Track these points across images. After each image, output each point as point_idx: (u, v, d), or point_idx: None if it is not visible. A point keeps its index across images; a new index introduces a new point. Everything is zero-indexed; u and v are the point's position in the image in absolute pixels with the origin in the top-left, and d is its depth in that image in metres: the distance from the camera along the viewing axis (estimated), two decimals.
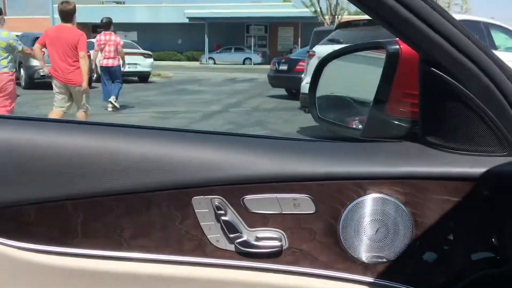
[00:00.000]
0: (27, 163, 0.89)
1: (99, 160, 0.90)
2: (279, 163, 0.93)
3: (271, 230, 0.94)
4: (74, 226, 0.91)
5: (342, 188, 0.92)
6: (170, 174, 0.91)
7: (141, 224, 0.92)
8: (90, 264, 0.91)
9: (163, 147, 0.93)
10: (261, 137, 1.08)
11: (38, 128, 0.94)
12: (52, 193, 0.89)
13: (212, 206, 0.92)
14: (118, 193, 0.90)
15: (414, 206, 0.93)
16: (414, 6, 0.82)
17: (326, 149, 1.02)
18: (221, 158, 0.93)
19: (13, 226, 0.90)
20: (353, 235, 0.93)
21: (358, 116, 1.36)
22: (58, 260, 0.91)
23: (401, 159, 0.95)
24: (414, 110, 1.02)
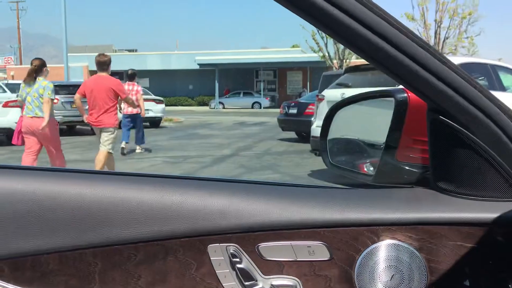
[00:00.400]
0: (47, 213, 0.92)
1: (117, 209, 0.92)
2: (292, 210, 0.95)
3: (286, 278, 0.94)
4: (92, 274, 0.92)
5: (356, 235, 0.93)
6: (186, 222, 0.93)
7: (157, 272, 0.93)
8: None
9: (179, 195, 0.95)
10: (274, 184, 1.10)
11: (58, 179, 0.97)
12: (71, 242, 0.91)
13: (227, 254, 0.93)
14: (136, 241, 0.92)
15: (428, 252, 0.93)
16: (419, 57, 0.86)
17: (339, 195, 1.03)
18: (236, 206, 0.95)
19: (32, 275, 0.91)
20: (368, 281, 0.93)
21: (369, 159, 1.38)
22: None
23: (413, 205, 0.97)
24: (424, 156, 1.04)
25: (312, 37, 24.96)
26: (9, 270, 0.90)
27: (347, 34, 0.83)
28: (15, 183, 0.93)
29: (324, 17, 0.81)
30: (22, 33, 57.17)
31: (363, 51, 0.87)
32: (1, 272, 0.90)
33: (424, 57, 0.86)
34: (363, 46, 0.85)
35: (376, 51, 0.85)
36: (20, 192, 0.92)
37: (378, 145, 1.36)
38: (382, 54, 0.85)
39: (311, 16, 0.82)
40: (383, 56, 0.85)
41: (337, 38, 0.87)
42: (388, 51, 0.84)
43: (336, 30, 0.84)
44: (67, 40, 23.61)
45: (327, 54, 25.15)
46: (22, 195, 0.92)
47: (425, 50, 0.86)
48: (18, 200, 0.91)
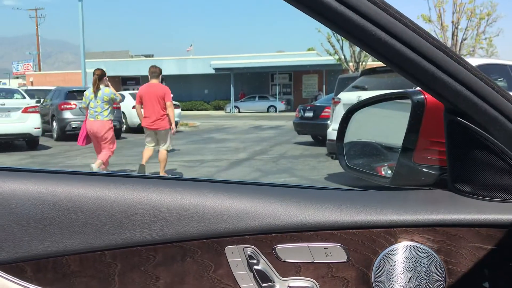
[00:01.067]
0: (68, 215, 0.93)
1: (136, 211, 0.94)
2: (309, 212, 0.95)
3: (304, 279, 0.95)
4: (112, 276, 0.94)
5: (373, 237, 0.93)
6: (204, 223, 0.94)
7: (176, 274, 0.94)
8: None
9: (197, 198, 0.96)
10: (290, 186, 1.11)
11: (78, 181, 0.98)
12: (91, 244, 0.93)
13: (245, 255, 0.94)
14: (155, 243, 0.93)
15: (446, 253, 0.93)
16: (436, 59, 0.86)
17: (356, 197, 1.04)
18: (253, 208, 0.95)
19: (54, 276, 0.93)
20: (386, 283, 0.93)
21: (387, 162, 1.37)
22: None
23: (431, 206, 0.96)
24: (442, 158, 1.04)
25: (328, 40, 24.90)
26: (31, 271, 0.92)
27: (362, 36, 0.83)
28: (37, 186, 0.95)
29: (339, 19, 0.82)
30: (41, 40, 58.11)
31: (379, 53, 0.87)
32: (24, 273, 0.92)
33: (441, 58, 0.86)
34: (379, 48, 0.85)
35: (392, 53, 0.85)
36: (42, 195, 0.94)
37: (396, 148, 1.35)
38: (398, 55, 0.85)
39: (328, 18, 0.83)
40: (399, 57, 0.86)
41: (352, 40, 0.87)
42: (404, 52, 0.84)
43: (352, 32, 0.84)
44: (85, 46, 23.93)
45: (343, 57, 25.04)
46: (44, 198, 0.94)
47: (441, 51, 0.86)
48: (40, 202, 0.93)
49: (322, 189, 1.11)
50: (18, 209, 0.93)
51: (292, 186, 1.11)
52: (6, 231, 0.92)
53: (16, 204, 0.93)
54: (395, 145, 1.37)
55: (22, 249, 0.92)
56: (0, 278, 0.91)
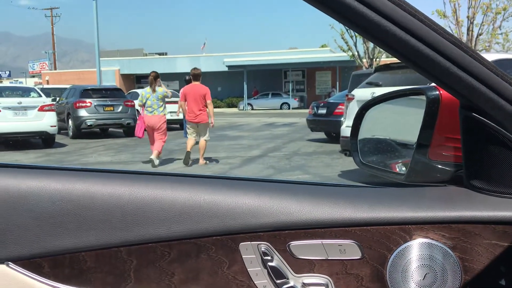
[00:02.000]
0: (84, 212, 0.95)
1: (151, 208, 0.95)
2: (323, 209, 0.95)
3: (318, 276, 0.95)
4: (128, 272, 0.95)
5: (388, 233, 0.93)
6: (218, 220, 0.94)
7: (190, 270, 0.95)
8: None
9: (211, 195, 0.97)
10: (304, 183, 1.10)
11: (95, 178, 1.00)
12: (107, 240, 0.94)
13: (259, 252, 0.94)
14: (169, 239, 0.94)
15: (462, 251, 0.92)
16: (452, 54, 0.85)
17: (370, 194, 1.03)
18: (267, 205, 0.96)
19: (71, 272, 0.94)
20: (400, 280, 0.93)
21: (401, 159, 1.37)
22: None
23: (446, 203, 0.96)
24: (457, 154, 1.03)
25: (341, 36, 24.75)
26: (48, 267, 0.94)
27: (377, 32, 0.83)
28: (54, 183, 0.97)
29: (353, 15, 0.82)
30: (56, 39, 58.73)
31: (394, 49, 0.86)
32: (41, 269, 0.94)
33: (456, 53, 0.85)
34: (393, 44, 0.85)
35: (407, 49, 0.84)
36: (59, 192, 0.95)
37: (410, 145, 1.34)
38: (413, 51, 0.85)
39: (342, 14, 0.82)
40: (414, 53, 0.85)
41: (367, 36, 0.87)
42: (419, 48, 0.84)
43: (366, 28, 0.84)
44: (99, 45, 24.12)
45: (357, 53, 24.90)
46: (61, 195, 0.95)
47: (457, 46, 0.85)
48: (57, 199, 0.95)
49: (336, 186, 1.11)
50: (35, 205, 0.94)
51: (306, 183, 1.11)
52: (23, 227, 0.93)
53: (33, 201, 0.94)
54: (409, 142, 1.36)
55: (39, 245, 0.93)
56: (18, 273, 0.93)
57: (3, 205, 0.94)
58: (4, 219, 0.93)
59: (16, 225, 0.93)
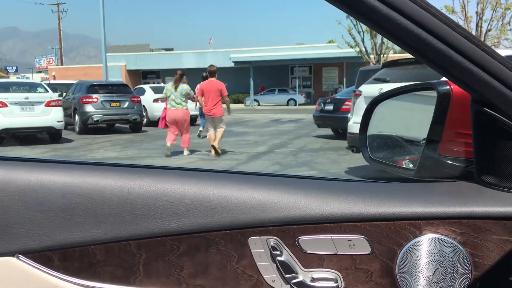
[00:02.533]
0: (94, 205, 0.95)
1: (161, 202, 0.95)
2: (332, 203, 0.95)
3: (327, 271, 0.94)
4: (137, 265, 0.95)
5: (398, 229, 0.93)
6: (227, 214, 0.94)
7: (199, 264, 0.95)
8: None
9: (220, 189, 0.97)
10: (313, 178, 1.10)
11: (104, 172, 1.00)
12: (116, 234, 0.94)
13: (268, 247, 0.94)
14: (178, 233, 0.94)
15: (472, 246, 0.92)
16: (463, 48, 0.84)
17: (380, 189, 1.03)
18: (276, 199, 0.95)
19: (80, 265, 0.95)
20: (410, 276, 0.92)
21: (408, 156, 1.36)
22: None
23: (457, 199, 0.95)
24: (467, 150, 1.02)
25: (349, 32, 24.62)
26: (58, 260, 0.94)
27: (388, 25, 0.82)
28: (64, 176, 0.97)
29: (364, 8, 0.81)
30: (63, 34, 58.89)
31: (404, 43, 0.86)
32: (51, 262, 0.94)
33: (468, 47, 0.84)
34: (404, 38, 0.84)
35: (418, 42, 0.84)
36: (69, 185, 0.96)
37: (417, 142, 1.33)
38: (424, 45, 0.84)
39: (353, 8, 0.82)
40: (424, 47, 0.84)
41: (377, 30, 0.86)
42: (431, 42, 0.83)
43: (377, 22, 0.83)
44: (106, 41, 24.17)
45: (364, 49, 24.77)
46: (71, 188, 0.95)
47: (468, 40, 0.84)
48: (67, 192, 0.95)
49: (346, 181, 1.10)
50: (45, 199, 0.94)
51: (315, 178, 1.10)
52: (33, 220, 0.94)
53: (43, 194, 0.95)
54: (417, 139, 1.36)
55: (49, 239, 0.94)
56: (28, 266, 0.93)
57: (13, 199, 0.94)
58: (14, 212, 0.93)
59: (26, 218, 0.94)
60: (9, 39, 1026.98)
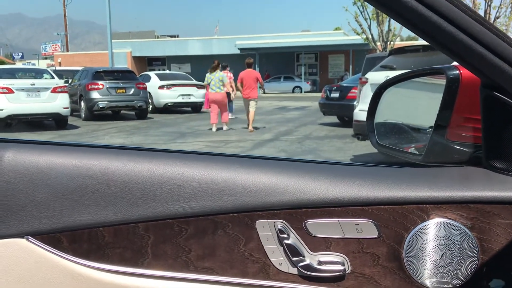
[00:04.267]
0: (103, 188, 0.95)
1: (169, 185, 0.95)
2: (340, 187, 0.95)
3: (334, 254, 0.95)
4: (145, 247, 0.96)
5: (405, 213, 0.93)
6: (234, 198, 0.95)
7: (207, 246, 0.95)
8: (160, 285, 0.95)
9: (228, 172, 0.97)
10: (322, 162, 1.10)
11: (113, 155, 1.00)
12: (125, 216, 0.95)
13: (275, 230, 0.95)
14: (186, 216, 0.95)
15: (480, 231, 0.91)
16: (474, 31, 0.83)
17: (388, 173, 1.02)
18: (284, 183, 0.96)
19: (89, 247, 0.96)
20: (417, 260, 0.92)
21: (414, 143, 1.35)
22: (130, 280, 0.95)
23: (465, 183, 0.95)
24: (476, 135, 1.01)
25: (355, 19, 24.43)
26: (67, 242, 0.95)
27: (397, 7, 0.81)
28: (72, 159, 0.97)
29: None
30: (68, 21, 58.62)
31: (414, 26, 0.85)
32: (60, 243, 0.95)
33: (479, 30, 0.83)
34: (414, 20, 0.83)
35: (428, 25, 0.83)
36: (77, 168, 0.96)
37: (423, 129, 1.32)
38: (434, 28, 0.83)
39: None
40: (435, 30, 0.83)
41: (387, 12, 0.85)
42: (441, 25, 0.82)
43: (387, 4, 0.82)
44: (111, 27, 24.09)
45: (371, 36, 24.60)
46: (79, 171, 0.96)
47: (479, 23, 0.83)
48: (76, 175, 0.95)
49: (354, 165, 1.10)
50: (54, 181, 0.95)
51: (323, 162, 1.10)
52: (42, 202, 0.94)
53: (52, 177, 0.95)
54: (423, 126, 1.35)
55: (58, 220, 0.94)
56: (37, 247, 0.94)
57: (23, 181, 0.95)
58: (24, 194, 0.94)
59: (35, 200, 0.94)
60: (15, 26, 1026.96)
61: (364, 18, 24.08)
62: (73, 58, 44.70)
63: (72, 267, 0.95)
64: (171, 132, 12.15)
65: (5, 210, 0.94)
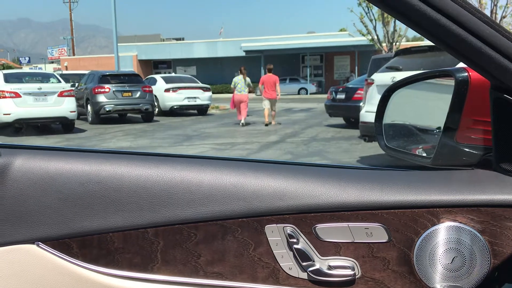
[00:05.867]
0: (112, 193, 0.95)
1: (178, 190, 0.95)
2: (349, 191, 0.94)
3: (344, 259, 0.94)
4: (154, 253, 0.96)
5: (415, 217, 0.92)
6: (244, 202, 0.94)
7: (216, 251, 0.95)
8: None
9: (237, 177, 0.97)
10: (330, 166, 1.10)
11: (122, 160, 1.00)
12: (134, 221, 0.95)
13: (285, 234, 0.94)
14: (196, 221, 0.95)
15: (491, 234, 0.91)
16: (483, 34, 0.83)
17: (397, 177, 1.02)
18: (293, 187, 0.95)
19: (99, 252, 0.96)
20: (427, 264, 0.92)
21: (421, 144, 1.35)
22: (139, 285, 0.95)
23: (475, 186, 0.94)
24: (485, 137, 1.01)
25: (361, 20, 24.38)
26: (77, 247, 0.95)
27: (406, 10, 0.81)
28: (82, 165, 0.98)
29: None
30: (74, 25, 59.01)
31: (423, 29, 0.84)
32: (70, 249, 0.95)
33: (488, 33, 0.83)
34: (423, 23, 0.83)
35: (437, 28, 0.82)
36: (87, 173, 0.96)
37: (431, 130, 1.32)
38: (443, 30, 0.83)
39: None
40: (444, 33, 0.83)
41: (396, 15, 0.85)
42: (450, 27, 0.82)
43: (395, 7, 0.82)
44: (117, 31, 24.19)
45: (376, 37, 24.53)
46: (89, 176, 0.96)
47: (488, 25, 0.83)
48: (85, 180, 0.96)
49: (363, 169, 1.10)
50: (64, 187, 0.95)
51: (332, 166, 1.10)
52: (52, 208, 0.95)
53: (62, 183, 0.95)
54: (430, 127, 1.34)
55: (68, 226, 0.95)
56: (47, 253, 0.94)
57: (32, 187, 0.95)
58: (34, 200, 0.94)
59: (45, 206, 0.95)
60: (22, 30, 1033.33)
61: (369, 19, 24.03)
62: (79, 62, 44.92)
63: (82, 273, 0.95)
64: (178, 135, 12.17)
65: (15, 216, 0.94)
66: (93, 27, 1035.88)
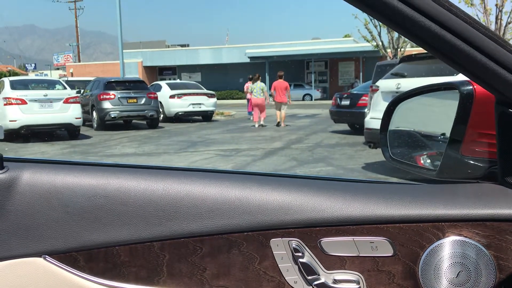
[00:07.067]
0: (118, 207, 0.96)
1: (183, 203, 0.96)
2: (355, 205, 0.94)
3: (349, 273, 0.94)
4: (160, 266, 0.96)
5: (420, 231, 0.92)
6: (249, 216, 0.95)
7: (222, 265, 0.96)
8: None
9: (242, 190, 0.97)
10: (336, 180, 1.10)
11: (128, 174, 1.01)
12: (140, 235, 0.95)
13: (290, 248, 0.95)
14: (201, 234, 0.95)
15: (497, 249, 0.91)
16: (488, 49, 0.83)
17: (402, 191, 1.02)
18: (298, 201, 0.96)
19: (105, 266, 0.96)
20: (433, 278, 0.92)
21: (426, 151, 1.35)
22: None
23: (481, 200, 0.94)
24: (490, 150, 1.01)
25: (365, 26, 24.37)
26: (84, 260, 0.96)
27: (412, 27, 0.82)
28: (88, 178, 0.98)
29: (387, 10, 0.80)
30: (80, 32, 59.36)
31: (428, 44, 0.85)
32: (77, 262, 0.96)
33: (493, 48, 0.83)
34: (428, 38, 0.83)
35: (442, 43, 0.83)
36: (93, 187, 0.97)
37: (435, 136, 1.32)
38: (448, 46, 0.83)
39: (375, 9, 0.81)
40: (449, 48, 0.83)
41: (401, 31, 0.85)
42: (455, 43, 0.82)
43: (401, 24, 0.82)
44: (122, 37, 24.32)
45: (381, 43, 24.52)
46: (95, 190, 0.97)
47: (493, 40, 0.83)
48: (92, 194, 0.96)
49: (368, 182, 1.10)
50: (70, 201, 0.96)
51: (337, 180, 1.10)
52: (59, 222, 0.95)
53: (68, 196, 0.96)
54: (434, 134, 1.34)
55: (74, 240, 0.95)
56: (54, 266, 0.95)
57: (39, 200, 0.96)
58: (40, 213, 0.95)
59: (51, 219, 0.95)
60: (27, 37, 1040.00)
61: (374, 25, 24.02)
62: (84, 69, 45.15)
63: (88, 286, 0.95)
64: (182, 141, 12.20)
65: (22, 229, 0.95)
66: (98, 33, 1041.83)
